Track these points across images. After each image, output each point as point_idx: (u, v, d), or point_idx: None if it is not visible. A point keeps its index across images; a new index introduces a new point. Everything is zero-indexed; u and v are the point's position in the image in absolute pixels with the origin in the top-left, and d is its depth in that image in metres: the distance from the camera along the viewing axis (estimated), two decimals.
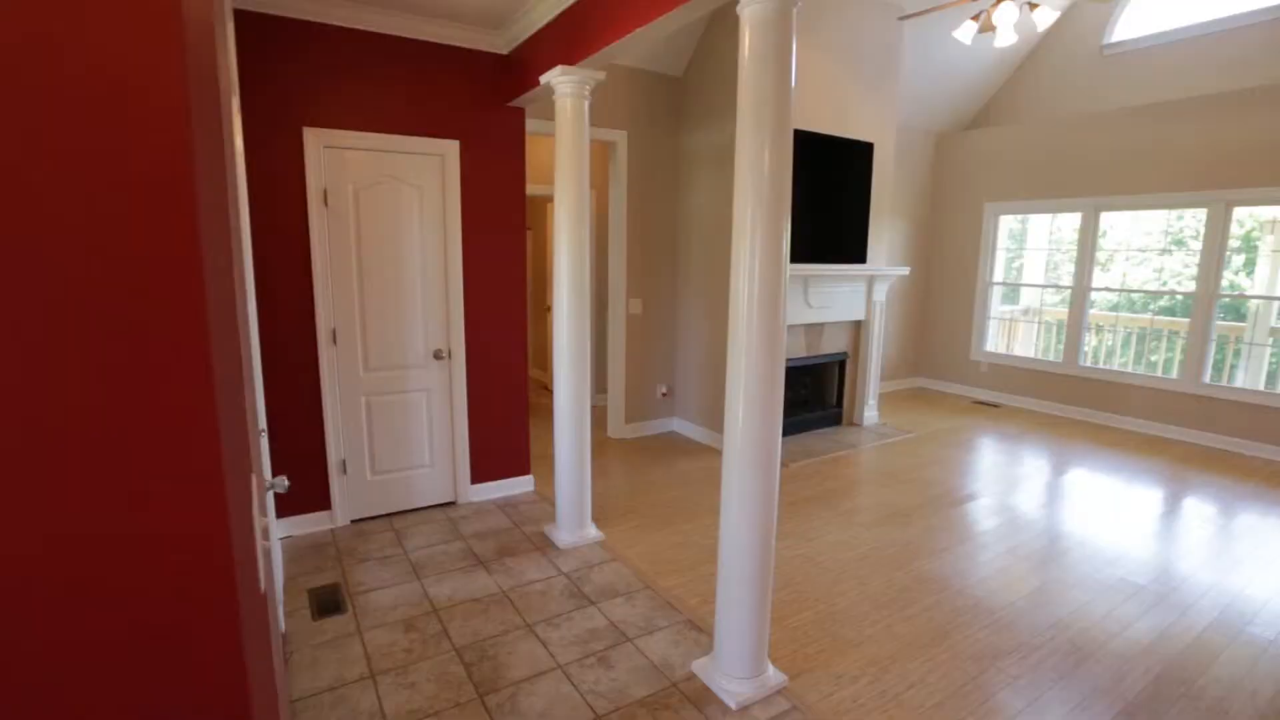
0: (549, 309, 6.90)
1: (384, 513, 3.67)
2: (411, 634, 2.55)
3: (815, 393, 5.63)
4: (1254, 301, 5.31)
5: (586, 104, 3.05)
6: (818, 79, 4.85)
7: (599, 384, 6.32)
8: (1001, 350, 6.83)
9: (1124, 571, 3.13)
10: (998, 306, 6.85)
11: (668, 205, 5.14)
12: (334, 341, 3.37)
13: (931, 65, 6.01)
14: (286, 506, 3.39)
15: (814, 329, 5.21)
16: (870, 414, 5.66)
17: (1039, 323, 6.85)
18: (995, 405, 6.53)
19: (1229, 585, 3.02)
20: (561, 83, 2.97)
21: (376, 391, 3.52)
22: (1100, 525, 3.65)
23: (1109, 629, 2.64)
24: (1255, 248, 5.52)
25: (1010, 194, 6.43)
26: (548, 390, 7.02)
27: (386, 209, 3.40)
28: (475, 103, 3.55)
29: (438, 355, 3.64)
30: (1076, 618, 2.72)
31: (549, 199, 6.67)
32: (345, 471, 3.51)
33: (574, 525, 3.35)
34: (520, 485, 4.06)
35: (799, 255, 5.41)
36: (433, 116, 3.45)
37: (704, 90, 4.79)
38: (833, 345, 5.38)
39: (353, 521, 3.58)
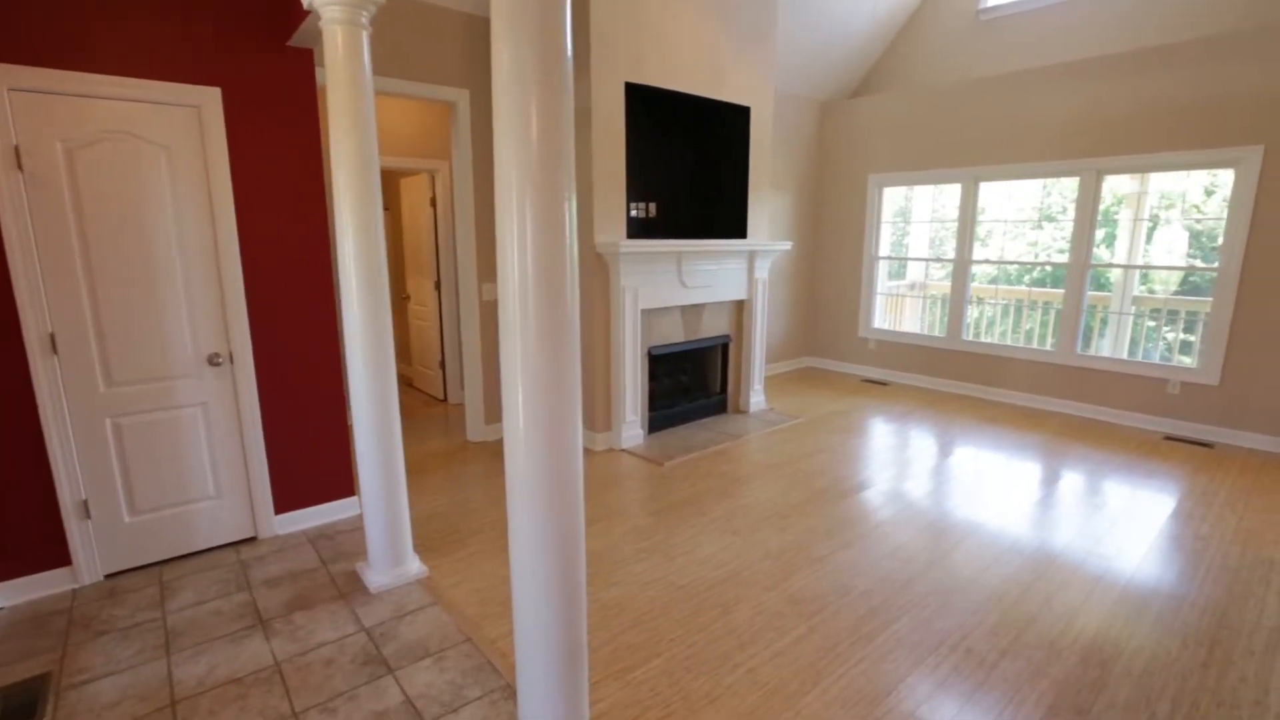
0: (407, 298, 6.15)
1: (154, 561, 2.91)
2: None
3: (697, 380, 5.23)
4: (1114, 272, 5.34)
5: (365, 36, 2.39)
6: (687, 36, 4.36)
7: (458, 380, 5.67)
8: (889, 327, 6.70)
9: (1008, 571, 2.87)
10: (885, 282, 6.70)
11: None
12: (52, 350, 2.57)
13: (812, 29, 5.67)
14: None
15: (692, 311, 4.78)
16: (756, 399, 5.32)
17: (924, 297, 6.77)
18: (884, 383, 6.39)
19: (1104, 568, 2.82)
20: (327, 6, 2.30)
21: (127, 410, 2.75)
22: (987, 514, 3.42)
23: (1000, 644, 2.34)
24: (1115, 221, 5.57)
25: (892, 165, 6.24)
26: (413, 387, 6.28)
27: (120, 175, 2.61)
28: (240, 40, 2.80)
29: (214, 360, 2.90)
30: (967, 637, 2.40)
31: (405, 172, 5.89)
32: (89, 515, 2.73)
33: (388, 562, 2.74)
34: (344, 509, 3.39)
35: (672, 230, 4.96)
36: (180, 54, 2.67)
37: None
38: (714, 328, 4.98)
39: (107, 577, 2.81)
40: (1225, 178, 5.58)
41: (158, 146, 2.68)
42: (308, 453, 3.23)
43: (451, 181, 4.77)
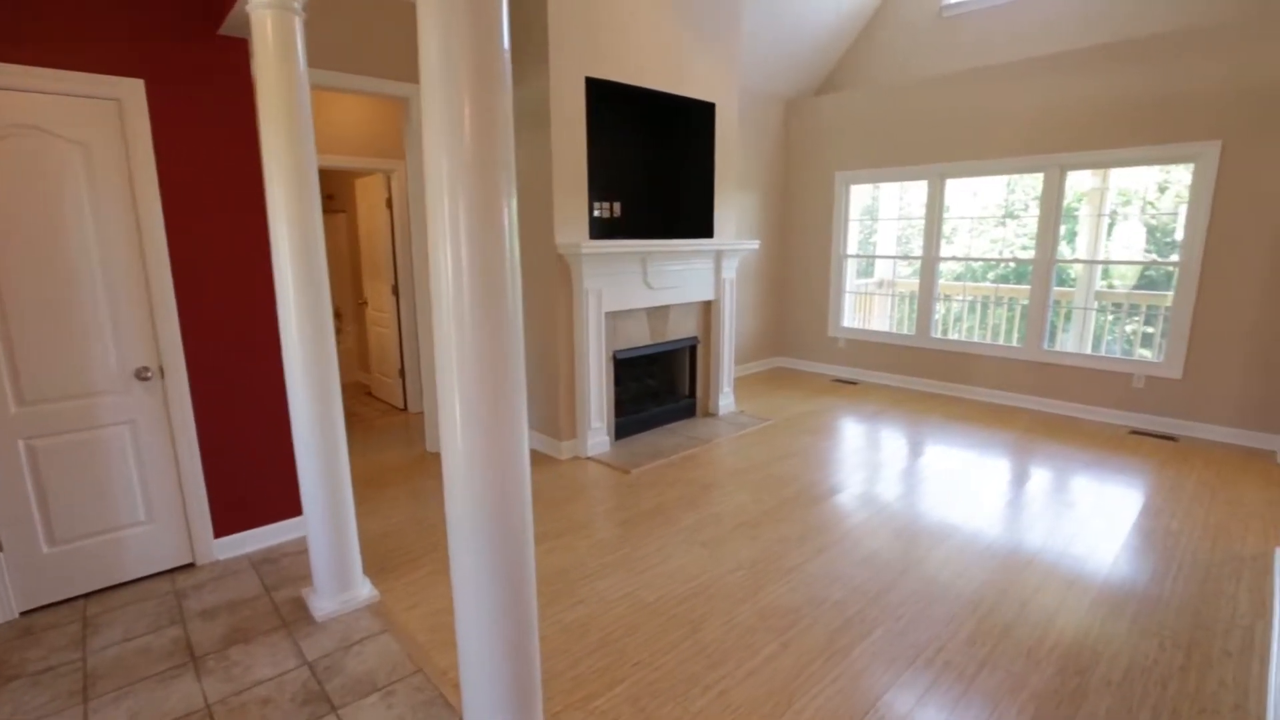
0: (365, 303, 5.93)
1: (78, 594, 2.68)
2: None
3: (664, 383, 5.11)
4: (1076, 267, 5.37)
5: (298, 23, 2.21)
6: (649, 29, 4.24)
7: (419, 388, 5.47)
8: (859, 325, 6.67)
9: (983, 575, 2.80)
10: (853, 280, 6.67)
11: None
12: None
13: (776, 25, 5.60)
14: None
15: (658, 313, 4.66)
16: (726, 402, 5.23)
17: (893, 295, 6.76)
18: (854, 383, 6.35)
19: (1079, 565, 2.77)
20: None
21: (43, 431, 2.53)
22: (959, 516, 3.36)
23: (977, 655, 2.26)
24: (1076, 217, 5.62)
25: (859, 162, 6.21)
26: (373, 396, 6.05)
27: (28, 173, 2.39)
28: (166, 27, 2.60)
29: (142, 375, 2.69)
30: (944, 648, 2.32)
31: (360, 173, 5.67)
32: (0, 548, 2.50)
33: (334, 587, 2.56)
34: (291, 530, 3.19)
35: (637, 231, 4.84)
36: (96, 42, 2.46)
37: (516, 35, 4.03)
38: (681, 330, 4.87)
39: (23, 614, 2.58)
40: (1178, 175, 5.68)
41: (72, 143, 2.46)
42: (250, 471, 3.02)
43: (407, 182, 4.58)
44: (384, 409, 5.67)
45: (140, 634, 2.44)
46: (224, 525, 2.99)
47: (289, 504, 3.16)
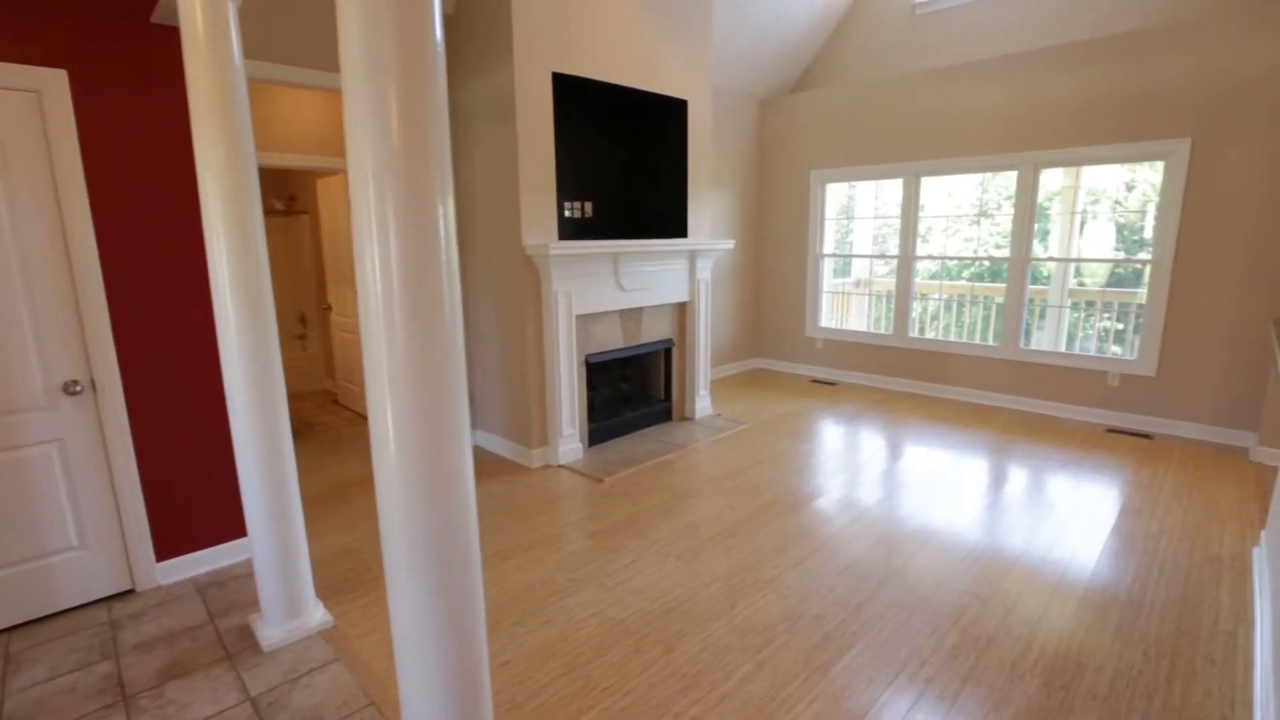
0: (329, 308, 5.73)
1: (1, 628, 2.49)
2: None
3: (639, 387, 4.99)
4: (1050, 265, 5.37)
5: (231, 10, 2.05)
6: (617, 24, 4.12)
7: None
8: (836, 325, 6.62)
9: (964, 583, 2.72)
10: (830, 280, 6.61)
11: None
12: None
13: (750, 21, 5.51)
14: None
15: (631, 315, 4.54)
16: (703, 405, 5.12)
17: (870, 294, 6.72)
18: (832, 383, 6.29)
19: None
20: None
21: None
22: (939, 522, 3.29)
23: (960, 669, 2.17)
24: (1048, 215, 5.63)
25: (834, 161, 6.15)
26: (339, 404, 5.85)
27: None
28: (91, 14, 2.41)
29: (71, 389, 2.49)
30: (926, 664, 2.23)
31: (322, 172, 5.47)
32: None
33: (283, 614, 2.40)
34: (241, 551, 3.01)
35: (609, 231, 4.72)
36: (10, 29, 2.27)
37: (479, 27, 3.88)
38: (655, 332, 4.75)
39: None
40: (1144, 174, 5.71)
41: None
42: (195, 489, 2.84)
43: None
44: (350, 417, 5.47)
45: (67, 671, 2.25)
46: (167, 547, 2.80)
47: (239, 523, 2.98)
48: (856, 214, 6.61)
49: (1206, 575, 2.75)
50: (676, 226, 4.86)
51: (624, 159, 4.86)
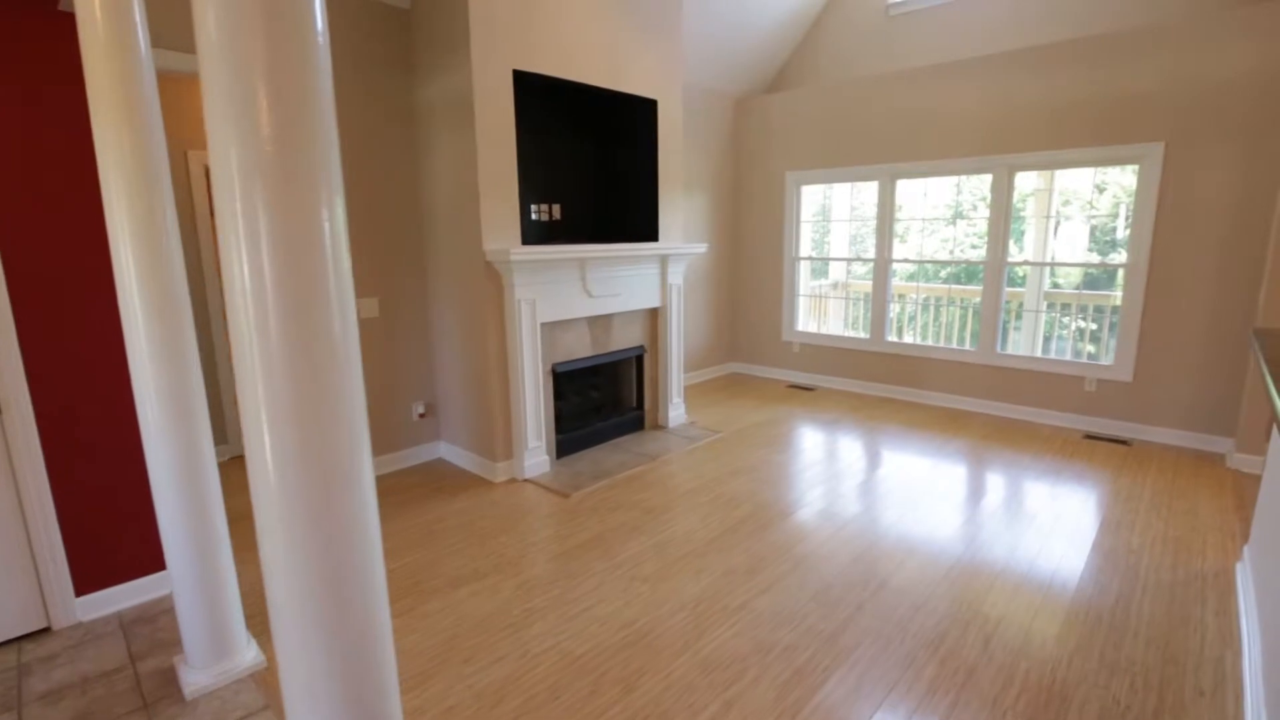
0: None
1: None
2: None
3: (609, 396, 4.82)
4: (1025, 267, 5.30)
5: None
6: (583, 20, 3.95)
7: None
8: (813, 329, 6.51)
9: (943, 607, 2.60)
10: (808, 282, 6.50)
11: (403, 176, 3.99)
12: None
13: (724, 20, 5.37)
14: None
15: (600, 322, 4.37)
16: (676, 413, 4.97)
17: (847, 298, 6.62)
18: (810, 388, 6.18)
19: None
20: None
21: None
22: (916, 538, 3.16)
23: (939, 708, 2.04)
24: (1023, 218, 5.57)
25: (810, 162, 6.04)
26: None
27: None
28: None
29: None
30: (903, 701, 2.09)
31: None
32: None
33: (210, 655, 2.20)
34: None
35: (579, 234, 4.55)
36: None
37: (435, 22, 3.69)
38: (626, 339, 4.59)
39: None
40: (1114, 176, 5.67)
41: None
42: (119, 515, 2.62)
43: None
44: None
45: None
46: (88, 580, 2.58)
47: (157, 554, 2.76)
48: (833, 216, 6.51)
49: (1191, 594, 2.65)
50: (648, 230, 4.70)
51: (595, 160, 4.69)
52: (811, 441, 4.62)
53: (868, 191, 6.05)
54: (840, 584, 2.75)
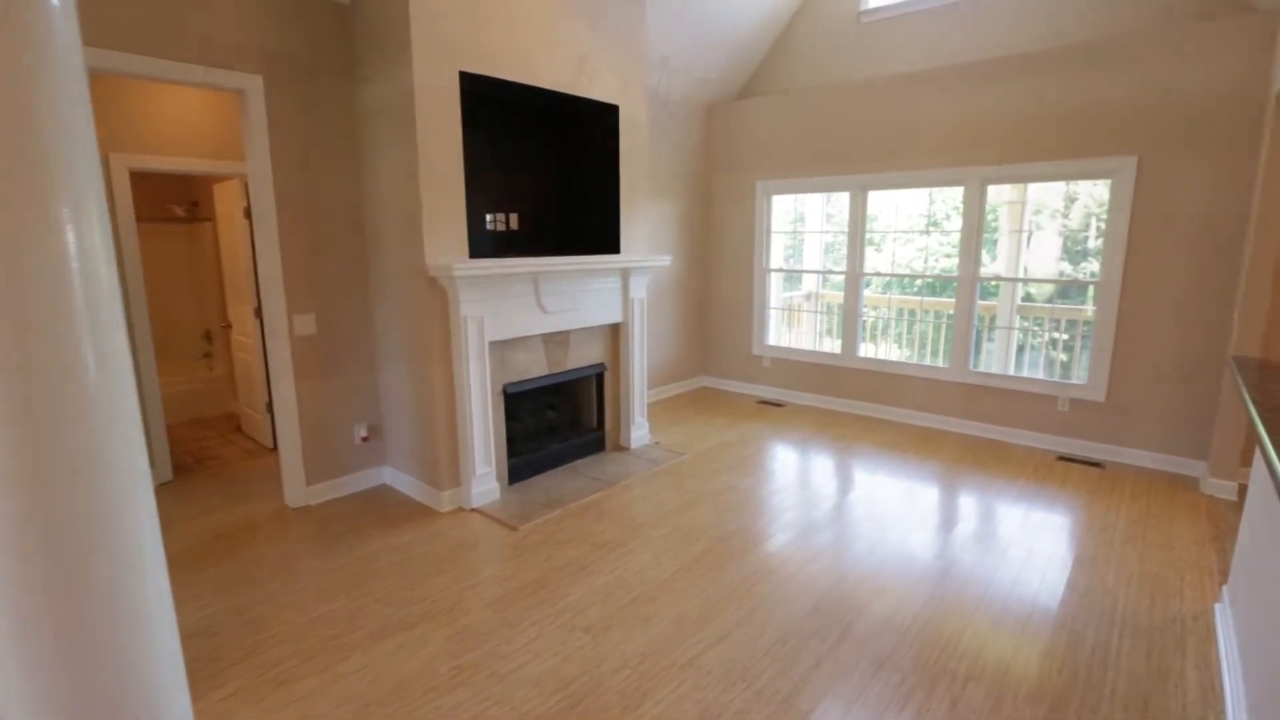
0: (229, 326, 5.19)
1: None
2: None
3: (568, 417, 4.59)
4: (997, 282, 5.18)
5: None
6: (536, 18, 3.72)
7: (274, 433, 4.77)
8: (785, 343, 6.33)
9: (906, 664, 2.40)
10: (780, 293, 6.33)
11: (344, 183, 3.73)
12: None
13: (694, 26, 5.18)
14: None
15: (556, 339, 4.14)
16: (640, 434, 4.75)
17: (818, 311, 6.46)
18: (779, 404, 6.00)
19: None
20: None
21: None
22: (881, 577, 2.98)
23: None
24: (995, 229, 5.46)
25: (781, 171, 5.87)
26: (242, 432, 5.29)
27: None
28: None
29: None
30: None
31: (217, 177, 4.93)
32: None
33: None
34: None
35: (538, 245, 4.32)
36: None
37: (377, 18, 3.44)
38: (585, 357, 4.36)
39: None
40: (1085, 186, 5.58)
41: None
42: None
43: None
44: (252, 448, 4.94)
45: None
46: None
47: None
48: (806, 226, 6.35)
49: (1169, 642, 2.49)
50: (609, 241, 4.49)
51: (554, 168, 4.47)
52: (780, 464, 4.43)
53: (839, 202, 5.90)
54: (798, 634, 2.54)
